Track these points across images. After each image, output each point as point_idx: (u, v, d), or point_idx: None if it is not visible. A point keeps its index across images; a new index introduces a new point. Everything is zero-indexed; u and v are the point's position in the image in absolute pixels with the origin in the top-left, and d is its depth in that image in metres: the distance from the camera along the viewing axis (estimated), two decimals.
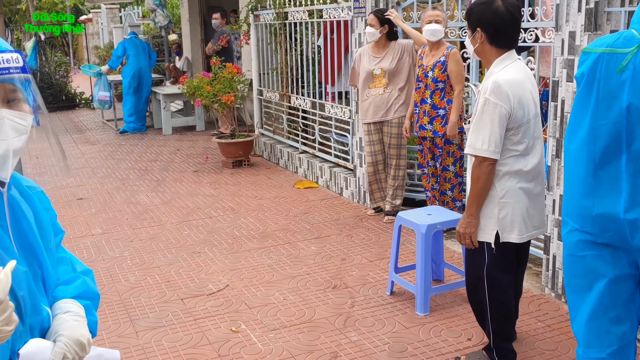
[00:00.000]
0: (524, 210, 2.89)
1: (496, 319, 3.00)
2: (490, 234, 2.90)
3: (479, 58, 2.97)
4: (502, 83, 2.75)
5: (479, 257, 2.98)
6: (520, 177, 2.86)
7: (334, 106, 6.52)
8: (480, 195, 2.85)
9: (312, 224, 5.51)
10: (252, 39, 8.11)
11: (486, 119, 2.76)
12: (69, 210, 6.23)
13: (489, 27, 2.82)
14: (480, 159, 2.81)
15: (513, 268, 3.05)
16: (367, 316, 3.73)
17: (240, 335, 3.56)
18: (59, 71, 13.90)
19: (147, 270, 4.60)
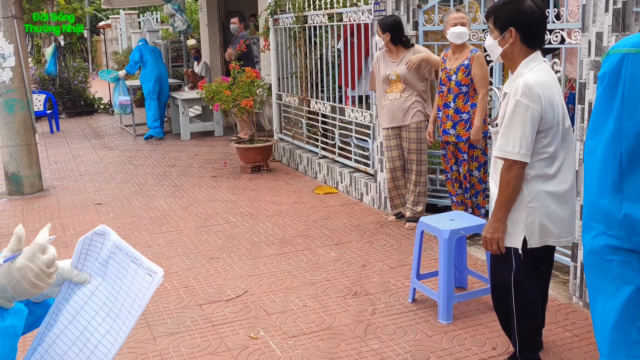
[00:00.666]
0: (552, 215, 2.84)
1: (523, 328, 2.95)
2: (517, 239, 2.86)
3: (504, 60, 2.93)
4: (532, 84, 2.72)
5: (505, 264, 2.94)
6: (548, 181, 2.82)
7: (354, 110, 6.51)
8: (510, 199, 2.81)
9: (332, 229, 5.49)
10: (271, 43, 8.14)
11: (517, 121, 2.73)
12: (87, 216, 6.28)
13: (523, 26, 2.79)
14: (511, 162, 2.77)
15: (540, 275, 3.01)
16: (388, 324, 3.70)
17: (259, 342, 3.55)
18: (78, 76, 14.06)
19: (165, 276, 4.57)
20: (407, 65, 5.19)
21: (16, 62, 6.99)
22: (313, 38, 7.29)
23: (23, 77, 7.09)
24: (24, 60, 7.15)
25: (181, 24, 10.88)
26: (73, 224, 6.04)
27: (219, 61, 12.14)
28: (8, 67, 6.96)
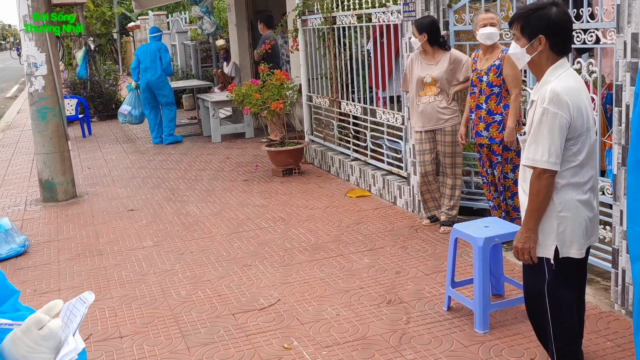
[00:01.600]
0: (584, 224, 2.84)
1: (560, 339, 2.95)
2: (549, 249, 2.86)
3: (530, 68, 2.91)
4: (560, 91, 2.72)
5: (538, 274, 2.94)
6: (579, 189, 2.82)
7: (385, 112, 6.52)
8: (540, 209, 2.82)
9: (365, 234, 5.53)
10: (300, 43, 8.20)
11: (545, 129, 2.73)
12: (120, 222, 6.42)
13: (554, 34, 2.79)
14: (540, 170, 2.77)
15: (575, 284, 3.00)
16: (423, 333, 3.72)
17: (293, 352, 3.61)
18: (109, 79, 14.33)
19: (198, 284, 4.70)
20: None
21: (48, 71, 7.18)
22: (342, 39, 7.32)
23: (55, 85, 7.27)
24: (56, 68, 7.33)
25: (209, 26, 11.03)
26: (107, 231, 6.19)
27: (248, 61, 12.25)
28: (40, 75, 7.16)
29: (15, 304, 1.54)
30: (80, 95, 13.38)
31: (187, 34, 15.41)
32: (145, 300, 4.51)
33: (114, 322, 4.20)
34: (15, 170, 9.53)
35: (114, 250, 5.64)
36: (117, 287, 4.79)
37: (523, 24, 2.85)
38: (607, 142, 4.37)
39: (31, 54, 7.13)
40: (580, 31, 3.97)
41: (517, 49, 2.88)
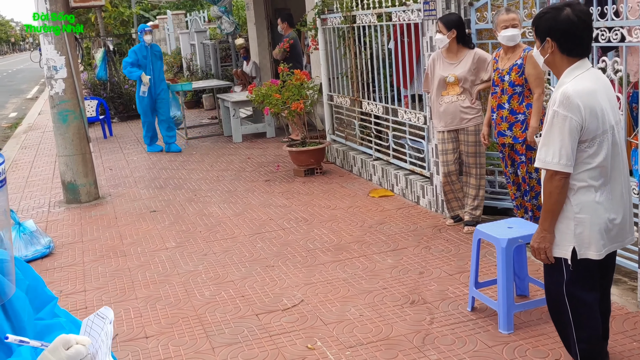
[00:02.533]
0: (603, 226, 2.88)
1: (583, 340, 3.00)
2: (566, 249, 2.92)
3: (549, 69, 2.99)
4: (571, 94, 2.77)
5: (557, 274, 3.01)
6: (597, 192, 2.86)
7: (407, 111, 6.58)
8: (554, 210, 2.88)
9: (388, 235, 5.60)
10: (320, 43, 8.28)
11: (555, 132, 2.79)
12: (143, 224, 6.56)
13: (559, 36, 2.84)
14: (552, 172, 2.84)
15: (596, 285, 3.04)
16: (447, 334, 3.79)
17: (317, 353, 3.70)
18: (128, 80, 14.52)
19: (221, 285, 4.81)
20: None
21: (68, 74, 7.32)
22: (362, 38, 7.38)
23: (75, 87, 7.42)
24: (75, 70, 7.48)
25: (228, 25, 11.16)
26: (130, 232, 6.33)
27: (268, 60, 12.36)
28: (60, 78, 7.30)
29: (53, 309, 1.60)
30: (100, 96, 13.60)
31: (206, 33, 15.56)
32: (169, 300, 4.63)
33: (139, 322, 4.32)
34: (38, 172, 9.74)
35: (138, 251, 5.77)
36: (141, 288, 4.91)
37: (535, 26, 2.94)
38: (633, 141, 4.38)
39: (51, 57, 7.28)
40: (605, 29, 4.00)
41: (535, 50, 2.96)
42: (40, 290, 1.57)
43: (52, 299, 1.61)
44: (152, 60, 10.02)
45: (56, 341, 1.35)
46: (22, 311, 1.45)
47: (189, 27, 16.63)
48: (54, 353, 1.34)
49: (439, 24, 5.28)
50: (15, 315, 1.42)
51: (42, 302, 1.58)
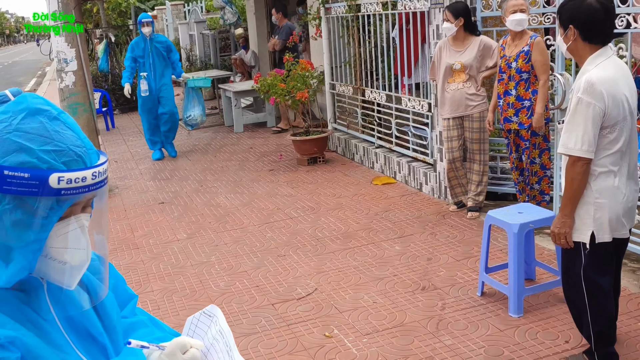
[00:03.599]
0: (621, 210, 2.93)
1: (597, 322, 3.06)
2: (585, 234, 2.96)
3: (572, 56, 3.02)
4: (595, 81, 2.80)
5: (575, 258, 3.05)
6: (617, 177, 2.91)
7: (410, 99, 6.59)
8: (575, 195, 2.92)
9: (394, 222, 5.64)
10: (324, 32, 8.26)
11: (579, 119, 2.82)
12: (152, 216, 6.58)
13: (582, 24, 2.88)
14: (574, 158, 2.87)
15: (612, 268, 3.10)
16: (459, 319, 3.84)
17: (334, 341, 3.74)
18: None
19: (235, 275, 4.85)
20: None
21: (78, 66, 7.29)
22: (367, 26, 7.37)
23: (85, 80, 7.39)
24: (85, 63, 7.45)
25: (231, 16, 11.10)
26: (140, 224, 6.35)
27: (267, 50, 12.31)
28: (70, 71, 7.28)
29: (134, 308, 1.62)
30: (102, 88, 13.54)
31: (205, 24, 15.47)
32: (185, 292, 4.66)
33: (157, 314, 4.35)
34: None
35: (150, 243, 5.79)
36: (156, 280, 4.93)
37: (560, 15, 2.97)
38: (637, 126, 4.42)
39: (61, 50, 7.24)
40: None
41: (559, 37, 2.99)
42: (121, 289, 1.59)
43: (133, 297, 1.63)
44: (153, 53, 8.78)
45: (173, 345, 1.37)
46: (112, 310, 1.46)
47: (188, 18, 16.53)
48: (172, 357, 1.36)
49: (447, 12, 5.28)
50: (105, 314, 1.43)
51: (124, 300, 1.59)
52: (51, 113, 1.24)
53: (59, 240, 1.23)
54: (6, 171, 1.15)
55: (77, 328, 1.34)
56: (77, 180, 1.19)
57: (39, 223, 1.19)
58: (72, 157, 1.22)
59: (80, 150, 1.24)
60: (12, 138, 1.18)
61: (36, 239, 1.20)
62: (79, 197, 1.21)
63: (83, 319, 1.36)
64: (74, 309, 1.34)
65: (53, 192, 1.17)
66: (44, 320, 1.27)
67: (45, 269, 1.25)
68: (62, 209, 1.21)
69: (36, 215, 1.19)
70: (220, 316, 1.45)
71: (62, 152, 1.21)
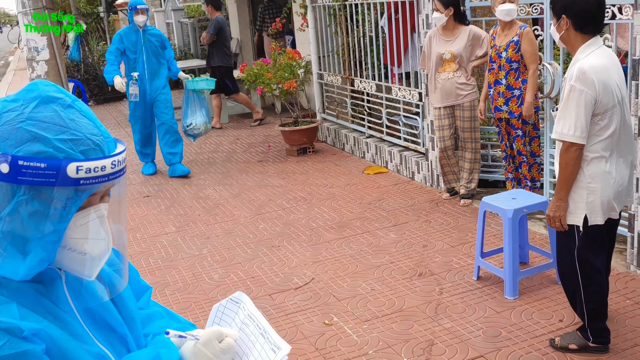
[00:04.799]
0: (612, 194, 3.21)
1: (591, 301, 3.35)
2: (579, 217, 3.24)
3: (564, 45, 3.29)
4: (587, 70, 3.06)
5: (569, 240, 3.33)
6: (608, 162, 3.18)
7: (401, 89, 6.84)
8: (569, 180, 3.19)
9: (387, 210, 5.90)
10: (310, 21, 8.47)
11: (572, 106, 3.09)
12: (138, 209, 6.73)
13: (574, 14, 3.14)
14: (568, 144, 3.14)
15: (604, 249, 3.39)
16: (457, 302, 4.12)
17: (334, 328, 3.99)
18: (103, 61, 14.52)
19: (229, 267, 5.06)
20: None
21: (50, 55, 7.26)
22: (354, 15, 7.58)
23: (59, 69, 7.40)
24: (59, 52, 7.42)
25: None
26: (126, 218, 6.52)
27: (249, 39, 12.50)
28: (42, 60, 7.24)
29: (149, 299, 1.66)
30: (74, 78, 13.59)
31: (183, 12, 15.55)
32: (178, 286, 4.82)
33: None
34: None
35: (137, 237, 5.95)
36: (147, 275, 5.06)
37: (552, 5, 3.24)
38: None
39: (31, 38, 7.18)
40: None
41: (552, 27, 3.27)
42: (135, 280, 1.63)
43: (148, 289, 1.67)
44: (147, 48, 7.45)
45: (209, 334, 1.42)
46: (130, 301, 1.50)
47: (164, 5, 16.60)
48: (208, 346, 1.41)
49: (436, 2, 5.52)
50: (123, 305, 1.47)
51: (139, 292, 1.64)
52: (65, 101, 1.25)
53: (78, 231, 1.26)
54: (21, 161, 1.16)
55: (95, 319, 1.37)
56: (96, 170, 1.20)
57: (58, 214, 1.21)
58: (89, 145, 1.23)
59: (97, 139, 1.26)
60: (25, 127, 1.19)
61: (55, 230, 1.22)
62: (98, 186, 1.23)
63: (101, 310, 1.39)
64: (93, 300, 1.37)
65: (71, 182, 1.19)
66: (63, 312, 1.30)
67: (65, 261, 1.27)
68: (81, 199, 1.23)
69: (54, 206, 1.20)
70: (248, 301, 1.50)
71: (79, 141, 1.22)
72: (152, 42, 7.51)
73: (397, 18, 6.80)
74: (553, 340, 3.54)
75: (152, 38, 7.52)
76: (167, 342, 1.44)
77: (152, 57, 7.52)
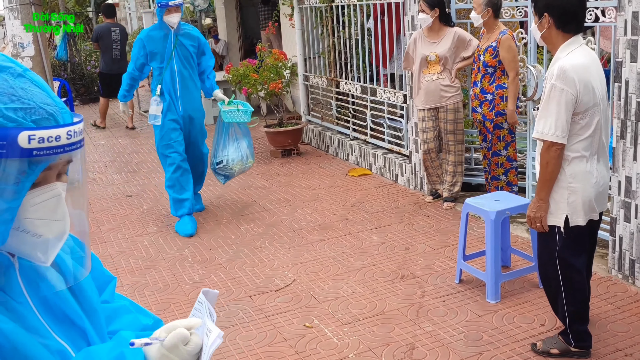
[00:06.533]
0: (593, 194, 3.17)
1: (572, 303, 3.29)
2: (560, 217, 3.19)
3: (545, 44, 3.23)
4: (568, 68, 3.02)
5: (550, 241, 3.28)
6: (589, 162, 3.13)
7: (386, 91, 6.79)
8: (550, 179, 3.14)
9: (370, 213, 5.83)
10: (297, 22, 8.41)
11: (553, 105, 3.05)
12: (120, 209, 6.63)
13: (556, 13, 3.09)
14: (549, 143, 3.09)
15: (585, 251, 3.34)
16: (438, 306, 4.05)
17: (315, 331, 3.91)
18: (90, 61, 14.39)
19: (210, 268, 4.97)
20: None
21: (35, 51, 7.14)
22: (341, 17, 7.53)
23: (44, 66, 7.28)
24: (44, 48, 7.31)
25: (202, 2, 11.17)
26: (107, 218, 6.40)
27: (237, 41, 12.41)
28: (27, 56, 7.11)
29: (113, 291, 1.56)
30: (60, 77, 13.45)
31: None
32: (158, 286, 4.73)
33: None
34: None
35: (118, 237, 5.85)
36: (126, 275, 4.98)
37: (534, 3, 3.19)
38: None
39: (17, 34, 7.07)
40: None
41: (533, 25, 3.23)
42: (99, 271, 1.52)
43: (112, 279, 1.57)
44: (180, 55, 5.64)
45: (174, 338, 1.27)
46: (92, 293, 1.39)
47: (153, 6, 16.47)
48: (174, 350, 1.27)
49: (422, 3, 5.48)
50: (83, 297, 1.36)
51: (103, 283, 1.53)
52: (15, 70, 1.17)
53: (32, 210, 1.16)
54: None
55: (53, 312, 1.27)
56: (50, 139, 1.11)
57: (10, 190, 1.11)
58: (42, 115, 1.15)
59: (51, 109, 1.17)
60: None
61: (7, 208, 1.12)
62: (53, 158, 1.14)
63: (59, 301, 1.29)
64: (48, 289, 1.27)
65: (23, 153, 1.10)
66: (17, 303, 1.20)
67: (17, 244, 1.18)
68: (35, 173, 1.14)
69: (6, 181, 1.11)
70: (210, 295, 1.39)
71: (31, 110, 1.14)
72: (186, 47, 5.68)
73: (383, 20, 6.75)
74: (535, 344, 3.48)
75: (187, 42, 5.69)
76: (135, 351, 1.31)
77: (186, 67, 5.72)
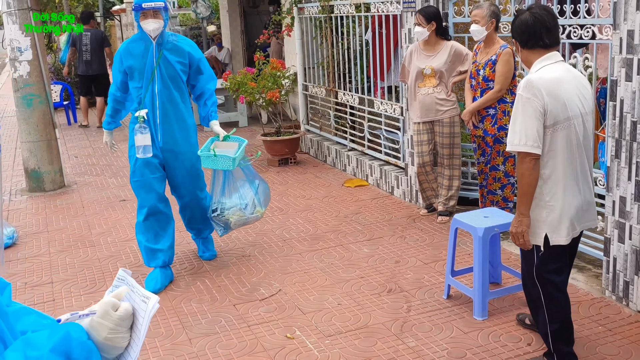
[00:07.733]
0: (573, 212, 3.11)
1: (554, 321, 3.23)
2: (540, 236, 3.15)
3: (526, 66, 3.29)
4: (534, 79, 3.03)
5: (529, 259, 3.24)
6: (567, 179, 3.07)
7: (383, 102, 6.74)
8: (528, 192, 3.08)
9: (363, 224, 5.76)
10: (296, 32, 8.40)
11: (519, 115, 3.04)
12: (112, 213, 6.60)
13: (517, 34, 3.20)
14: (522, 154, 3.05)
15: (565, 268, 3.28)
16: (424, 321, 3.97)
17: (296, 342, 3.83)
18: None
19: (197, 275, 4.91)
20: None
21: (33, 56, 7.20)
22: (340, 28, 7.51)
23: (41, 70, 7.31)
24: (42, 53, 7.36)
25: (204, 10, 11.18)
26: (99, 222, 6.36)
27: (240, 48, 12.41)
28: (25, 60, 7.18)
29: (10, 296, 1.52)
30: (64, 81, 13.48)
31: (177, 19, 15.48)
32: None
33: None
34: None
35: (108, 241, 5.80)
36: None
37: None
38: (600, 134, 4.64)
39: (15, 38, 7.14)
40: (577, 27, 4.24)
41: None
42: None
43: (7, 285, 1.53)
44: (164, 74, 4.58)
45: (104, 305, 1.43)
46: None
47: None
48: (105, 317, 1.43)
49: (419, 16, 5.44)
50: None
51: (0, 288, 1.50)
52: None
53: None
54: None
55: None
56: None
57: None
58: None
59: None
60: None
61: None
62: None
63: None
64: None
65: None
66: None
67: None
68: None
69: None
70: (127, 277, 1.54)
71: None
72: (171, 63, 4.59)
73: (380, 32, 6.72)
74: None
75: (173, 57, 4.60)
76: (67, 324, 1.41)
77: (169, 88, 4.62)
